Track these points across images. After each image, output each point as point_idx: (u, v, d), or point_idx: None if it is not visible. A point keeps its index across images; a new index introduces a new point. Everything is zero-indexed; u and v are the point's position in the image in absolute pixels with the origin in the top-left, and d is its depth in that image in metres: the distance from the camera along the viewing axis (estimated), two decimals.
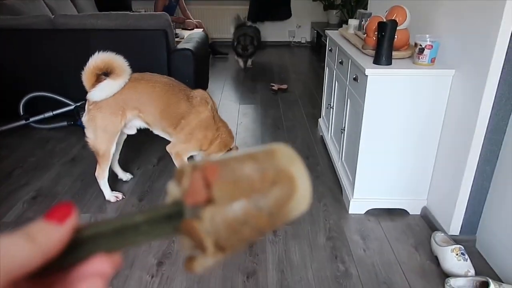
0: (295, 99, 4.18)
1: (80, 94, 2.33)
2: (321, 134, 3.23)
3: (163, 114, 2.20)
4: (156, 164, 2.76)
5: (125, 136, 2.36)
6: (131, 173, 2.59)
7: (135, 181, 2.54)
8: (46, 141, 3.07)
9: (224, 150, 2.31)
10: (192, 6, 6.41)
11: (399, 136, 2.08)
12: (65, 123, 3.28)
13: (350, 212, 2.24)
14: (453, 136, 1.96)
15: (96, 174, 2.26)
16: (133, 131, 2.30)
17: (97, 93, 2.05)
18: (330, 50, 2.98)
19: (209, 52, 5.28)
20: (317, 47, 6.60)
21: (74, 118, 3.27)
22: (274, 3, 6.75)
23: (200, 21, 5.78)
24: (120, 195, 2.34)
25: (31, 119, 3.23)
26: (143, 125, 2.28)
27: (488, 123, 1.75)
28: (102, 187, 2.30)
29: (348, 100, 2.36)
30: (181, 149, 2.28)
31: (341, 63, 2.57)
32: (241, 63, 5.53)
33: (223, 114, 2.92)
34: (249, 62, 5.55)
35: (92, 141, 2.19)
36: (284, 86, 4.52)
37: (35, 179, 2.52)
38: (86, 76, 2.02)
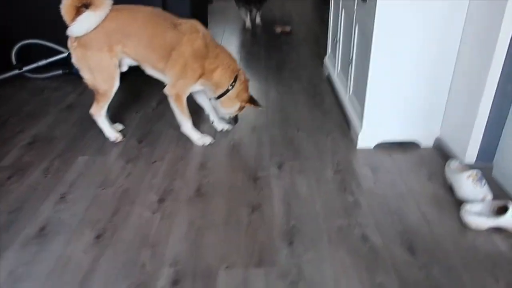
0: (299, 41, 3.98)
1: None
2: (327, 73, 3.07)
3: (149, 46, 2.01)
4: (155, 107, 2.65)
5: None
6: (123, 125, 2.48)
7: (135, 124, 2.44)
8: (41, 90, 2.96)
9: (233, 76, 2.09)
10: None
11: (412, 62, 1.92)
12: (60, 72, 3.15)
13: (359, 146, 2.13)
14: (471, 55, 1.80)
15: (91, 111, 2.14)
16: (124, 68, 2.15)
17: (77, 27, 1.90)
18: None
19: None
20: None
21: (69, 66, 3.12)
22: None
23: None
24: (120, 137, 2.24)
25: (25, 68, 3.10)
26: (133, 62, 2.14)
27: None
28: (100, 125, 2.19)
29: (356, 27, 2.18)
30: (180, 87, 2.07)
31: None
32: (247, 21, 4.47)
33: None
34: (258, 18, 4.58)
35: (91, 81, 2.06)
36: (288, 29, 4.29)
37: (31, 126, 2.43)
38: (65, 9, 1.87)
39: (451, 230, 1.56)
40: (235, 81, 2.10)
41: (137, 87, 2.92)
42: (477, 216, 1.55)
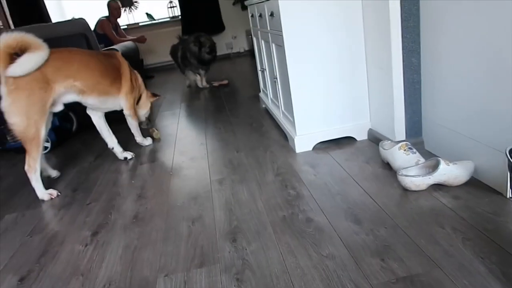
0: (236, 89, 4.13)
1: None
2: (263, 106, 3.16)
3: (101, 74, 2.22)
4: (93, 161, 2.57)
5: (51, 118, 2.18)
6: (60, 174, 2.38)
7: (71, 177, 2.33)
8: None
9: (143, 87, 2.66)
10: (127, 33, 6.37)
11: (326, 63, 2.03)
12: None
13: (297, 151, 2.13)
14: (375, 44, 1.93)
15: (26, 168, 2.01)
16: (59, 108, 2.13)
17: (18, 67, 1.88)
18: (252, 16, 2.97)
19: (141, 60, 5.20)
20: None
21: (2, 142, 3.03)
22: (204, 17, 6.84)
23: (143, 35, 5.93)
24: (55, 193, 2.11)
25: None
26: (74, 97, 2.14)
27: (401, 12, 1.73)
28: (34, 183, 2.04)
29: (273, 45, 2.31)
30: (131, 103, 2.48)
31: (260, 16, 2.54)
32: (199, 80, 4.52)
33: (162, 121, 2.81)
34: (204, 81, 4.54)
35: (19, 127, 1.95)
36: (225, 82, 4.47)
37: None
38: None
39: (393, 197, 1.54)
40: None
41: (75, 148, 2.85)
42: (414, 177, 1.54)
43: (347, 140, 2.16)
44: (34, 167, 2.02)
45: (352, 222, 1.42)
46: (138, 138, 2.69)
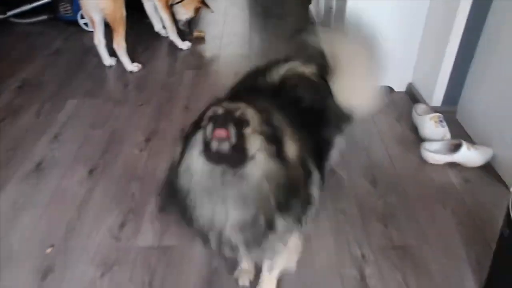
0: None
1: None
2: (312, 21, 3.11)
3: None
4: (141, 53, 2.70)
5: None
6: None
7: (120, 70, 2.50)
8: (26, 36, 2.97)
9: None
10: None
11: (388, 12, 1.99)
12: (45, 17, 3.14)
13: None
14: (441, 6, 1.88)
15: (115, 45, 2.38)
16: None
17: None
18: None
19: None
20: None
21: (54, 11, 3.12)
22: None
23: None
24: (140, 65, 2.48)
25: (9, 13, 3.08)
26: None
27: None
28: (122, 58, 2.43)
29: None
30: None
31: None
32: None
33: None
34: None
35: (108, 10, 2.27)
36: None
37: (19, 71, 2.49)
38: None
39: (411, 165, 1.73)
40: None
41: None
42: (435, 152, 1.71)
43: (385, 89, 2.24)
44: (122, 44, 2.39)
45: (369, 182, 1.65)
46: (173, 36, 2.72)
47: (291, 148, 0.88)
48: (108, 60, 2.51)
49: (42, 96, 2.22)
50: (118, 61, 2.51)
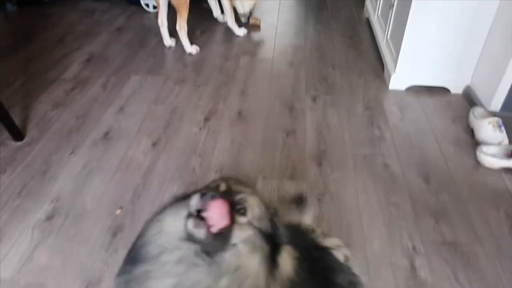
0: None
1: None
2: (367, 16, 3.10)
3: None
4: (199, 36, 2.79)
5: None
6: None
7: (180, 51, 2.61)
8: (91, 12, 3.13)
9: None
10: None
11: (453, 10, 1.98)
12: None
13: (390, 87, 2.26)
14: (511, 9, 1.86)
15: (178, 27, 2.49)
16: None
17: None
18: None
19: None
20: None
21: None
22: None
23: None
24: (198, 48, 2.59)
25: None
26: None
27: None
28: (183, 39, 2.54)
29: None
30: None
31: None
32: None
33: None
34: None
35: None
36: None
37: (86, 44, 2.64)
38: None
39: (465, 166, 1.74)
40: None
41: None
42: (491, 156, 1.71)
43: (441, 90, 2.24)
44: (184, 27, 2.50)
45: (422, 179, 1.68)
46: (230, 23, 2.78)
47: (287, 263, 0.75)
48: (168, 41, 2.61)
49: (108, 70, 2.36)
50: (178, 43, 2.61)
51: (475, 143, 1.85)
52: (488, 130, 1.83)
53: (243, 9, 2.81)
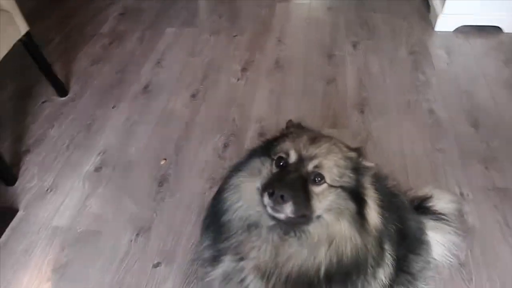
0: None
1: None
2: None
3: None
4: None
5: None
6: None
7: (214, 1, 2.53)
8: None
9: None
10: None
11: None
12: None
13: (436, 29, 2.12)
14: None
15: None
16: None
17: None
18: None
19: None
20: None
21: None
22: None
23: None
24: None
25: None
26: None
27: None
28: None
29: None
30: None
31: None
32: None
33: None
34: None
35: None
36: None
37: None
38: None
39: None
40: None
41: None
42: None
43: (493, 30, 2.08)
44: None
45: (471, 125, 1.60)
46: None
47: (374, 214, 0.75)
48: None
49: (143, 24, 2.34)
50: None
51: None
52: None
53: None
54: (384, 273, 0.80)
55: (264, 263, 0.74)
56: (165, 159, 1.55)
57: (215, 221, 0.81)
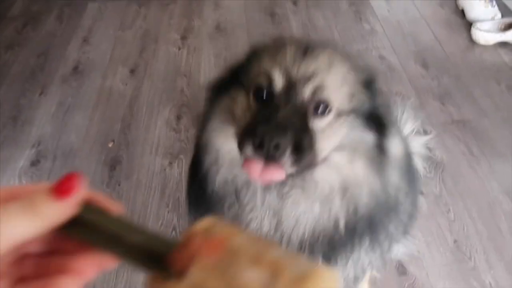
0: None
1: None
2: None
3: None
4: None
5: None
6: None
7: None
8: None
9: None
10: None
11: None
12: None
13: None
14: None
15: None
16: None
17: None
18: None
19: None
20: None
21: None
22: None
23: None
24: None
25: None
26: None
27: None
28: None
29: None
30: None
31: None
32: None
33: None
34: None
35: None
36: None
37: None
38: None
39: (461, 47, 1.69)
40: None
41: None
42: (486, 32, 1.66)
43: None
44: None
45: (420, 65, 1.62)
46: None
47: (397, 144, 0.59)
48: None
49: (59, 1, 2.08)
50: None
51: (467, 23, 1.78)
52: (480, 6, 1.75)
53: None
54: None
55: (269, 235, 0.58)
56: (113, 140, 1.39)
57: (200, 195, 0.63)
